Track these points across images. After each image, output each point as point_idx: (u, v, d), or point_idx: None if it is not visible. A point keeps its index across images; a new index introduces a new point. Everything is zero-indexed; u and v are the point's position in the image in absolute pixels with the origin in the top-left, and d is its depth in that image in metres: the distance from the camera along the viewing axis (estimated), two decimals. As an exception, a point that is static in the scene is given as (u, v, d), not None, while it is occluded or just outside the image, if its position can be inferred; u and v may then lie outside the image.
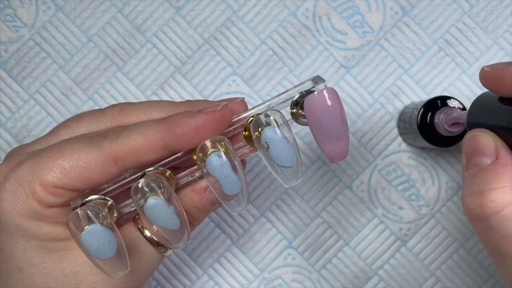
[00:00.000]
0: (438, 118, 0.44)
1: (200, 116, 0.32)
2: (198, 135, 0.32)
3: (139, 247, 0.35)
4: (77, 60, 0.51)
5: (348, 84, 0.51)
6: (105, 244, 0.31)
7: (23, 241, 0.33)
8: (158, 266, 0.37)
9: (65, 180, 0.32)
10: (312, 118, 0.32)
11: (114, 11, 0.51)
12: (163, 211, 0.32)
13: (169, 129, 0.32)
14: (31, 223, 0.33)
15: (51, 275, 0.34)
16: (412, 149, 0.51)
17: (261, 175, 0.50)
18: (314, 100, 0.32)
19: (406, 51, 0.51)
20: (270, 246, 0.50)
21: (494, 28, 0.51)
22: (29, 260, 0.34)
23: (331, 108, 0.32)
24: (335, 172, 0.50)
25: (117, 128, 0.33)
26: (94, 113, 0.36)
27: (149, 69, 0.51)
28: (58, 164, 0.32)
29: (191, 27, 0.51)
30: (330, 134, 0.32)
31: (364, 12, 0.51)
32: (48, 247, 0.34)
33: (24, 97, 0.51)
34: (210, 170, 0.32)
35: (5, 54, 0.51)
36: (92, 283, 0.34)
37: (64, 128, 0.36)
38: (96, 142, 0.33)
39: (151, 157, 0.33)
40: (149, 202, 0.32)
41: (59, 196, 0.33)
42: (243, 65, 0.51)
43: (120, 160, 0.32)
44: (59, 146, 0.33)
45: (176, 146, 0.33)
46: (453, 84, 0.51)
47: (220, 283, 0.50)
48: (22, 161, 0.33)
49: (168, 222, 0.32)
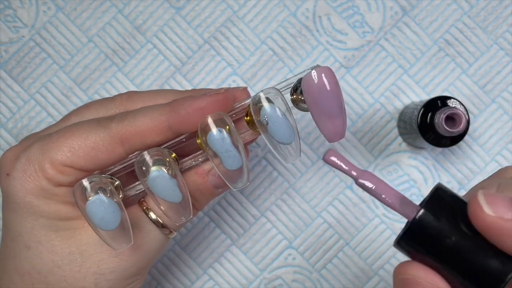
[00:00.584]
0: (438, 118, 0.44)
1: (204, 98, 0.33)
2: (202, 116, 0.33)
3: (144, 228, 0.36)
4: (77, 61, 0.51)
5: (348, 84, 0.51)
6: (109, 214, 0.32)
7: (31, 219, 0.34)
8: (162, 248, 0.37)
9: (73, 158, 0.33)
10: (310, 97, 0.33)
11: (114, 12, 0.51)
12: (166, 182, 0.33)
13: (173, 110, 0.33)
14: (41, 201, 0.34)
15: (57, 253, 0.35)
16: (412, 149, 0.51)
17: (261, 175, 0.50)
18: (311, 78, 0.33)
19: (406, 51, 0.51)
20: (271, 246, 0.50)
21: (494, 28, 0.51)
22: (36, 238, 0.34)
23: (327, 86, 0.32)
24: (336, 172, 0.50)
25: (124, 112, 0.35)
26: (103, 101, 0.38)
27: (150, 69, 0.51)
28: (68, 143, 0.33)
29: (191, 27, 0.51)
30: (327, 111, 0.33)
31: (364, 12, 0.51)
32: (55, 226, 0.35)
33: (24, 97, 0.51)
34: (211, 144, 0.32)
35: (5, 55, 0.51)
36: (97, 261, 0.35)
37: (74, 115, 0.37)
38: (103, 123, 0.34)
39: (156, 138, 0.34)
40: (152, 174, 0.32)
41: (68, 174, 0.34)
42: (243, 65, 0.51)
43: (126, 141, 0.33)
44: (69, 127, 0.34)
45: (180, 127, 0.33)
46: (453, 84, 0.51)
47: (220, 283, 0.50)
48: (33, 142, 0.35)
49: (170, 194, 0.33)
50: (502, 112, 0.50)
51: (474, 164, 0.50)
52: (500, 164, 0.50)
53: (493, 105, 0.51)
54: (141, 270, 0.37)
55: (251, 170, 0.51)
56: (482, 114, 0.51)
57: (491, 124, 0.50)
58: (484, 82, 0.51)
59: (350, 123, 0.51)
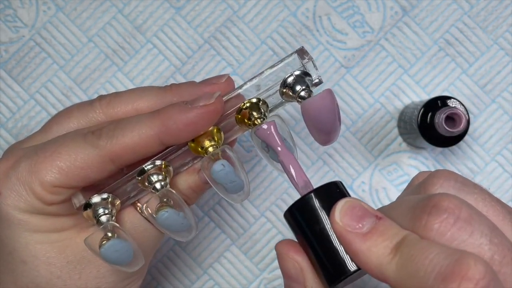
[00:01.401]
0: (438, 118, 0.44)
1: (195, 111, 0.32)
2: (193, 130, 0.33)
3: (139, 226, 0.36)
4: (77, 60, 0.51)
5: (348, 84, 0.51)
6: (123, 254, 0.32)
7: (25, 234, 0.34)
8: (159, 243, 0.38)
9: (63, 179, 0.33)
10: (309, 119, 0.33)
11: (115, 11, 0.51)
12: (175, 220, 0.33)
13: (163, 125, 0.32)
14: (34, 217, 0.34)
15: (55, 264, 0.34)
16: (412, 149, 0.51)
17: (261, 175, 0.50)
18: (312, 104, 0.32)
19: (406, 51, 0.51)
20: (271, 246, 0.50)
21: (494, 28, 0.51)
22: (32, 253, 0.34)
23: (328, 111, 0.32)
24: (336, 172, 0.50)
25: (111, 125, 0.34)
26: (83, 108, 0.37)
27: (150, 69, 0.51)
28: (56, 164, 0.33)
29: (192, 27, 0.51)
30: (324, 130, 0.33)
31: (364, 12, 0.51)
32: (50, 239, 0.34)
33: (24, 97, 0.51)
34: (215, 178, 0.33)
35: (5, 55, 0.51)
36: (96, 266, 0.35)
37: (55, 125, 0.37)
38: (91, 142, 0.33)
39: (147, 153, 0.33)
40: (160, 215, 0.33)
41: (58, 194, 0.33)
42: (243, 65, 0.51)
43: (116, 159, 0.33)
44: (55, 145, 0.34)
45: (172, 142, 0.33)
46: (453, 84, 0.51)
47: (220, 283, 0.50)
48: (19, 159, 0.34)
49: (180, 227, 0.33)
50: (502, 112, 0.50)
51: (474, 164, 0.50)
52: (500, 164, 0.50)
53: (493, 105, 0.51)
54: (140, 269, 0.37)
55: (251, 170, 0.51)
56: (482, 114, 0.51)
57: (491, 124, 0.50)
58: (484, 82, 0.51)
59: (350, 123, 0.51)
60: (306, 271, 0.29)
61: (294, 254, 0.29)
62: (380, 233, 0.26)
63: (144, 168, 0.34)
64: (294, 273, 0.29)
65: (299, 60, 0.34)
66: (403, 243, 0.25)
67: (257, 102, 0.34)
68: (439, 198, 0.25)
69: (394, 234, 0.25)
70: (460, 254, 0.23)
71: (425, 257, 0.24)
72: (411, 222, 0.25)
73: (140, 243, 0.35)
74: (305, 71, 0.34)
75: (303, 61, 0.34)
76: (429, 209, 0.25)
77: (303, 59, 0.34)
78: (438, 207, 0.25)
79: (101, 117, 0.36)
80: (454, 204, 0.25)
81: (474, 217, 0.25)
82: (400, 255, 0.25)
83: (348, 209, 0.27)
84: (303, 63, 0.34)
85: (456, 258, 0.23)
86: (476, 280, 0.22)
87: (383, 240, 0.26)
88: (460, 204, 0.25)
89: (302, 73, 0.33)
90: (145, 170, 0.34)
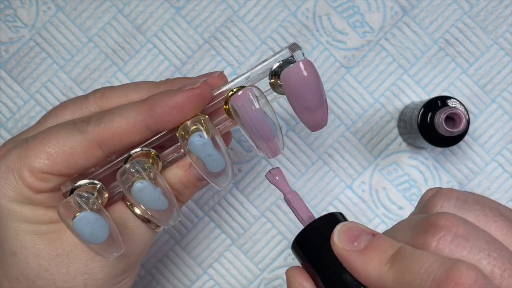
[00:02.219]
0: (438, 118, 0.44)
1: (180, 94, 0.32)
2: (179, 113, 0.33)
3: (130, 224, 0.36)
4: (77, 60, 0.51)
5: (349, 84, 0.51)
6: (97, 230, 0.32)
7: (15, 225, 0.34)
8: (150, 242, 0.37)
9: (52, 165, 0.33)
10: (289, 91, 0.32)
11: (115, 11, 0.51)
12: (150, 193, 0.32)
13: (150, 109, 0.33)
14: (23, 207, 0.34)
15: (44, 257, 0.34)
16: (412, 149, 0.51)
17: (261, 175, 0.50)
18: (290, 72, 0.32)
19: (406, 51, 0.51)
20: (271, 246, 0.50)
21: (494, 28, 0.51)
22: (21, 243, 0.34)
23: (307, 80, 0.32)
24: (336, 172, 0.50)
25: (100, 113, 0.34)
26: (77, 100, 0.37)
27: (150, 69, 0.51)
28: (44, 150, 0.33)
29: (192, 27, 0.51)
30: (307, 105, 0.33)
31: (364, 12, 0.51)
32: (40, 230, 0.34)
33: (24, 97, 0.51)
34: (193, 150, 0.32)
35: (5, 55, 0.51)
36: (85, 261, 0.35)
37: (50, 117, 0.37)
38: (80, 127, 0.33)
39: (134, 138, 0.33)
40: (135, 186, 0.32)
41: (47, 181, 0.33)
42: (243, 65, 0.51)
43: (104, 144, 0.33)
44: (45, 133, 0.34)
45: (158, 126, 0.33)
46: (453, 84, 0.51)
47: (220, 282, 0.50)
48: (11, 148, 0.34)
49: (156, 203, 0.33)
50: (502, 112, 0.50)
51: (474, 164, 0.50)
52: (500, 164, 0.50)
53: (493, 105, 0.51)
54: (130, 267, 0.37)
55: (251, 170, 0.51)
56: (482, 114, 0.51)
57: (491, 124, 0.50)
58: (484, 82, 0.51)
59: (350, 123, 0.51)
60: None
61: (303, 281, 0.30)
62: (375, 247, 0.27)
63: (131, 153, 0.33)
64: None
65: (289, 53, 0.34)
66: (398, 254, 0.26)
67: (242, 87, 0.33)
68: (437, 217, 0.26)
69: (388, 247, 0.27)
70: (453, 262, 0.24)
71: (421, 266, 0.25)
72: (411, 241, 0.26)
73: (130, 241, 0.35)
74: (291, 60, 0.33)
75: (293, 52, 0.33)
76: (427, 228, 0.26)
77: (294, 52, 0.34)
78: (435, 225, 0.26)
79: (94, 108, 0.37)
80: (451, 222, 0.26)
81: (472, 232, 0.26)
82: (397, 266, 0.26)
83: (346, 231, 0.28)
84: (293, 55, 0.33)
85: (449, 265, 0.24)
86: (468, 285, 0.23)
87: (379, 254, 0.27)
88: (456, 222, 0.26)
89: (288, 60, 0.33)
90: (131, 154, 0.33)
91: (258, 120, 0.32)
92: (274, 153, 0.34)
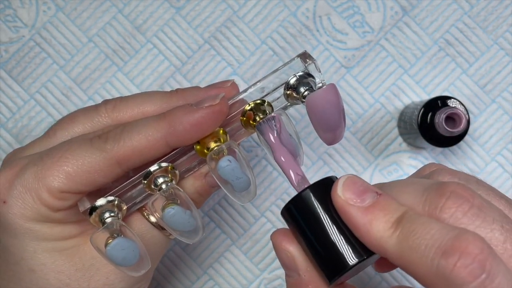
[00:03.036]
0: (438, 118, 0.44)
1: (200, 112, 0.32)
2: (200, 131, 0.33)
3: (147, 234, 0.36)
4: (77, 60, 0.51)
5: (349, 84, 0.51)
6: (130, 254, 0.32)
7: (33, 243, 0.34)
8: (165, 249, 0.38)
9: (70, 184, 0.33)
10: (314, 114, 0.33)
11: (115, 11, 0.51)
12: (181, 217, 0.33)
13: (170, 126, 0.32)
14: (41, 226, 0.34)
15: (64, 272, 0.34)
16: (412, 149, 0.51)
17: (261, 175, 0.50)
18: (316, 98, 0.32)
19: (407, 51, 0.51)
20: (271, 246, 0.50)
21: (494, 28, 0.51)
22: (40, 261, 0.34)
23: (332, 105, 0.32)
24: (336, 172, 0.50)
25: (117, 129, 0.34)
26: (88, 112, 0.37)
27: (150, 69, 0.51)
28: (63, 170, 0.33)
29: (192, 27, 0.51)
30: (329, 126, 0.33)
31: (364, 12, 0.51)
32: (59, 247, 0.34)
33: (24, 97, 0.51)
34: (222, 174, 0.33)
35: (5, 55, 0.51)
36: (105, 273, 0.35)
37: (60, 130, 0.36)
38: (98, 145, 0.33)
39: (154, 155, 0.33)
40: (167, 212, 0.33)
41: (66, 200, 0.33)
42: (243, 65, 0.51)
43: (124, 161, 0.33)
44: (61, 150, 0.33)
45: (178, 143, 0.33)
46: (453, 84, 0.51)
47: (220, 283, 0.50)
48: (24, 166, 0.34)
49: (186, 225, 0.33)
50: (502, 112, 0.50)
51: (474, 164, 0.50)
52: (500, 164, 0.50)
53: (493, 105, 0.51)
54: (147, 274, 0.37)
55: (251, 170, 0.51)
56: (482, 114, 0.51)
57: (491, 124, 0.50)
58: (484, 82, 0.51)
59: (350, 123, 0.51)
60: (298, 260, 0.30)
61: (286, 244, 0.30)
62: (381, 208, 0.27)
63: (150, 170, 0.33)
64: (288, 263, 0.30)
65: (302, 63, 0.34)
66: (404, 218, 0.26)
67: (261, 103, 0.34)
68: (457, 186, 0.26)
69: (394, 209, 0.27)
70: (459, 230, 0.25)
71: (427, 232, 0.25)
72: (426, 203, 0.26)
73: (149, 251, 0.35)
74: (308, 73, 0.34)
75: (306, 64, 0.34)
76: (448, 194, 0.26)
77: (306, 63, 0.34)
78: (456, 193, 0.26)
79: (106, 121, 0.36)
80: (469, 193, 0.26)
81: (486, 205, 0.26)
82: (402, 230, 0.26)
83: (350, 184, 0.28)
84: (305, 66, 0.34)
85: (456, 234, 0.24)
86: (475, 254, 0.24)
87: (385, 215, 0.27)
88: (473, 193, 0.26)
89: (305, 74, 0.34)
90: (150, 172, 0.33)
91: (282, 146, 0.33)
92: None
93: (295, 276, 0.30)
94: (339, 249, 0.28)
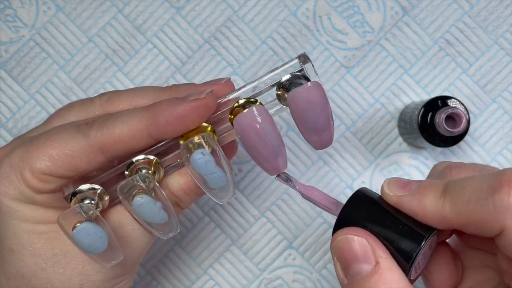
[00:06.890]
0: (438, 118, 0.44)
1: (184, 105, 0.32)
2: (182, 124, 0.33)
3: (128, 227, 0.35)
4: (77, 60, 0.51)
5: (349, 84, 0.51)
6: (96, 240, 0.32)
7: (14, 223, 0.34)
8: (148, 246, 0.37)
9: (52, 167, 0.33)
10: (296, 112, 0.32)
11: (115, 11, 0.51)
12: (150, 208, 0.32)
13: (153, 118, 0.33)
14: (24, 206, 0.34)
15: (40, 256, 0.34)
16: (412, 149, 0.51)
17: (261, 175, 0.50)
18: (298, 94, 0.32)
19: (407, 51, 0.51)
20: (271, 246, 0.50)
21: (494, 28, 0.51)
22: (19, 241, 0.34)
23: (314, 103, 0.32)
24: (336, 172, 0.50)
25: (104, 117, 0.34)
26: (83, 102, 0.37)
27: (150, 69, 0.51)
28: (46, 152, 0.33)
29: (192, 27, 0.51)
30: (313, 127, 0.33)
31: (364, 12, 0.51)
32: (39, 230, 0.34)
33: (24, 97, 0.51)
34: (194, 167, 0.32)
35: (5, 55, 0.51)
36: (82, 262, 0.35)
37: (56, 118, 0.37)
38: (83, 130, 0.33)
39: (136, 145, 0.33)
40: (135, 200, 0.32)
41: (48, 182, 0.33)
42: (243, 65, 0.51)
43: (106, 149, 0.33)
44: (49, 134, 0.34)
45: (161, 135, 0.33)
46: (453, 84, 0.51)
47: (220, 283, 0.50)
48: (16, 147, 0.34)
49: (155, 217, 0.33)
50: (502, 112, 0.50)
51: (474, 164, 0.50)
52: (500, 164, 0.50)
53: (493, 105, 0.50)
54: (128, 270, 0.37)
55: (251, 170, 0.51)
56: (482, 114, 0.51)
57: (491, 124, 0.50)
58: (484, 82, 0.51)
59: (350, 123, 0.51)
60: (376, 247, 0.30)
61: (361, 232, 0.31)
62: (426, 187, 0.30)
63: (133, 160, 0.33)
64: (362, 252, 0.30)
65: (300, 65, 0.33)
66: (448, 186, 0.29)
67: (250, 101, 0.33)
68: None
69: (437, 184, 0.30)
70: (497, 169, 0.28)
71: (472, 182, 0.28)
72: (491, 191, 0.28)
73: (128, 243, 0.35)
74: (303, 74, 0.33)
75: (304, 65, 0.33)
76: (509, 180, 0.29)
77: (304, 64, 0.33)
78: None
79: (99, 111, 0.37)
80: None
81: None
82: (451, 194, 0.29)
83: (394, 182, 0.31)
84: (303, 67, 0.33)
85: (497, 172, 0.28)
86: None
87: (431, 191, 0.30)
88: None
89: (299, 74, 0.33)
90: (133, 162, 0.33)
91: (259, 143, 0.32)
92: (276, 171, 0.34)
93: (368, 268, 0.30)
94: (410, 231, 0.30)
